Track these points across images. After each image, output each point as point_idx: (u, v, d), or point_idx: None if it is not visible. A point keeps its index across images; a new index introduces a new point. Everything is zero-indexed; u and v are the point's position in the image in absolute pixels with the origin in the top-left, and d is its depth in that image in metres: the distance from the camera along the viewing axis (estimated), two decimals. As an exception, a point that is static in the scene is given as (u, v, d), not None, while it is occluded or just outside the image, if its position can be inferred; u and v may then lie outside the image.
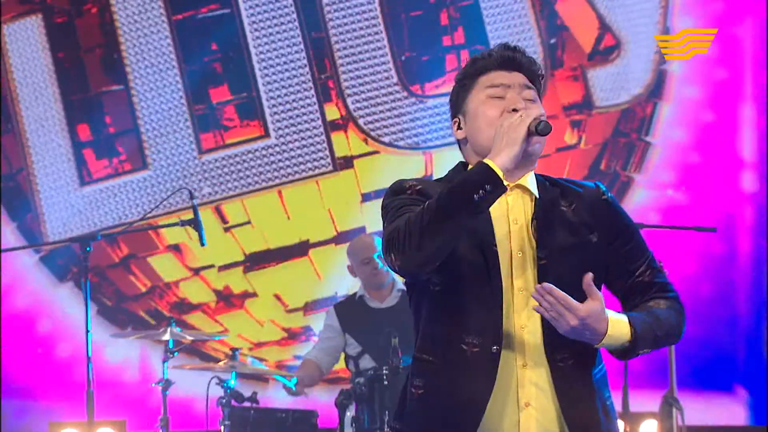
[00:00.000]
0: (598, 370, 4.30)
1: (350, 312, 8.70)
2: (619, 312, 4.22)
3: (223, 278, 10.11)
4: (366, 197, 10.02)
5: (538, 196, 4.36)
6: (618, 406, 7.96)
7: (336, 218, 9.97)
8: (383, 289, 8.24)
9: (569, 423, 4.19)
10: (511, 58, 4.40)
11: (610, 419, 4.26)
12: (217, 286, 10.10)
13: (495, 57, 4.43)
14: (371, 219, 9.87)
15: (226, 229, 10.04)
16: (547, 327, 4.16)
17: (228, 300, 9.92)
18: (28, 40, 9.79)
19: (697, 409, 9.28)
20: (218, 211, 10.09)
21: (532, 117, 4.07)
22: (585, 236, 4.32)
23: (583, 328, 4.06)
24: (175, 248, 10.07)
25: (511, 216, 4.36)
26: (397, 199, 4.38)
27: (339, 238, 10.00)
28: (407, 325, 4.56)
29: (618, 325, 4.16)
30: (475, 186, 3.95)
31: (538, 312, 4.10)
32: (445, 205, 4.00)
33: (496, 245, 4.22)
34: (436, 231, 4.05)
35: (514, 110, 4.24)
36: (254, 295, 10.00)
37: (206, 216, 9.49)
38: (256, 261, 10.02)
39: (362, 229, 9.84)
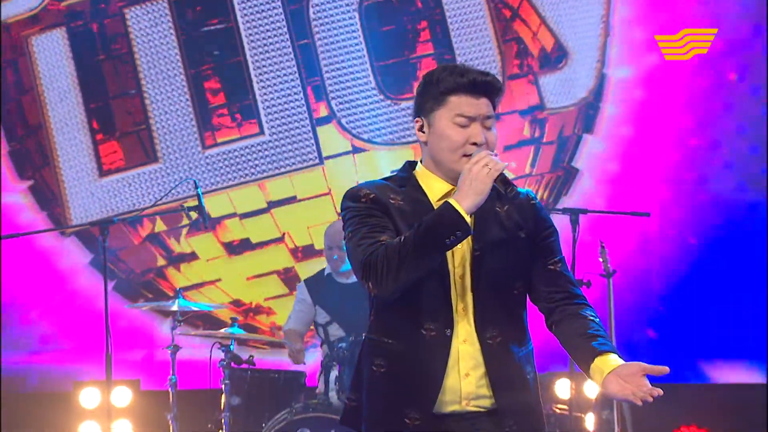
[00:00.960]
0: (523, 349, 4.57)
1: (319, 287, 8.79)
2: (611, 355, 4.36)
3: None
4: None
5: None
6: (566, 368, 8.51)
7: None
8: (343, 273, 8.38)
9: (495, 391, 4.40)
10: (482, 83, 4.46)
11: (528, 390, 4.52)
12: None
13: (468, 79, 4.45)
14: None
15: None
16: (478, 310, 4.45)
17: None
18: (54, 51, 9.81)
19: (643, 360, 9.70)
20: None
21: (498, 171, 4.21)
22: (515, 233, 4.52)
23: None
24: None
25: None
26: (354, 208, 4.51)
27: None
28: (372, 299, 4.81)
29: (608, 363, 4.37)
30: (447, 232, 4.13)
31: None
32: (421, 246, 4.21)
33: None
34: (412, 268, 4.26)
35: (475, 143, 4.34)
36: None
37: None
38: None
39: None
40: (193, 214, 8.70)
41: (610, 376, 4.27)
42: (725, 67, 10.32)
